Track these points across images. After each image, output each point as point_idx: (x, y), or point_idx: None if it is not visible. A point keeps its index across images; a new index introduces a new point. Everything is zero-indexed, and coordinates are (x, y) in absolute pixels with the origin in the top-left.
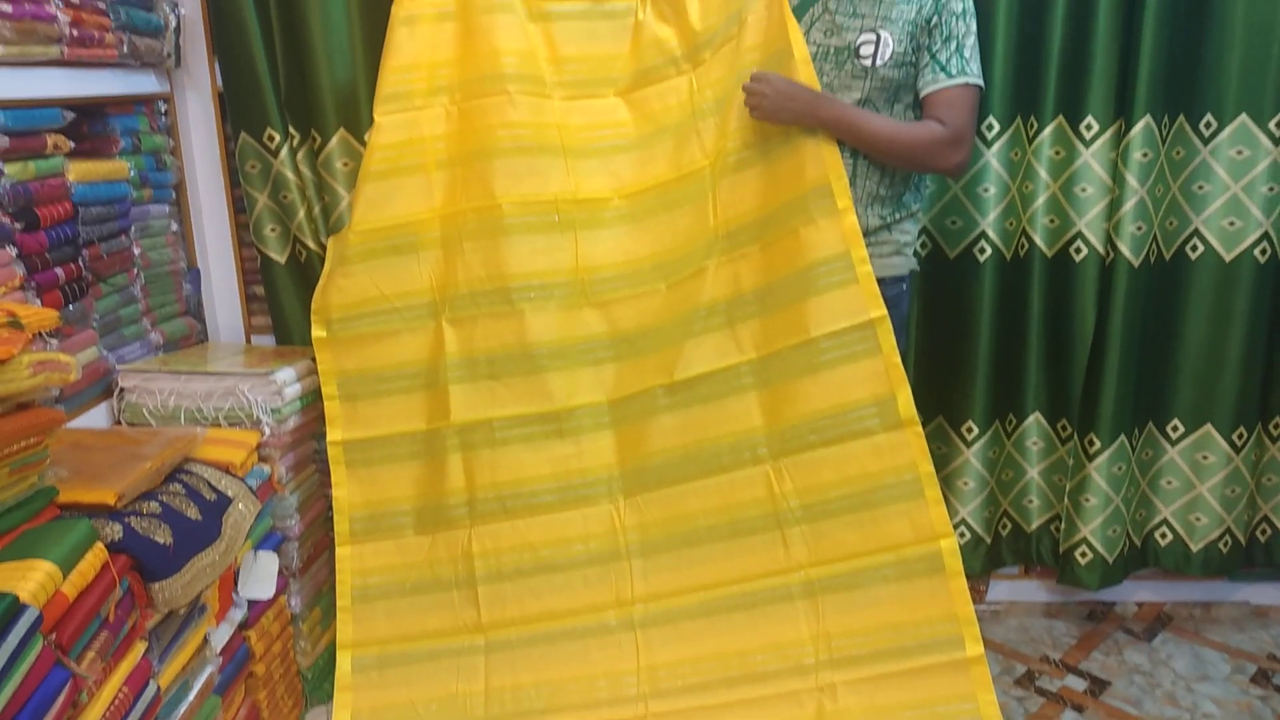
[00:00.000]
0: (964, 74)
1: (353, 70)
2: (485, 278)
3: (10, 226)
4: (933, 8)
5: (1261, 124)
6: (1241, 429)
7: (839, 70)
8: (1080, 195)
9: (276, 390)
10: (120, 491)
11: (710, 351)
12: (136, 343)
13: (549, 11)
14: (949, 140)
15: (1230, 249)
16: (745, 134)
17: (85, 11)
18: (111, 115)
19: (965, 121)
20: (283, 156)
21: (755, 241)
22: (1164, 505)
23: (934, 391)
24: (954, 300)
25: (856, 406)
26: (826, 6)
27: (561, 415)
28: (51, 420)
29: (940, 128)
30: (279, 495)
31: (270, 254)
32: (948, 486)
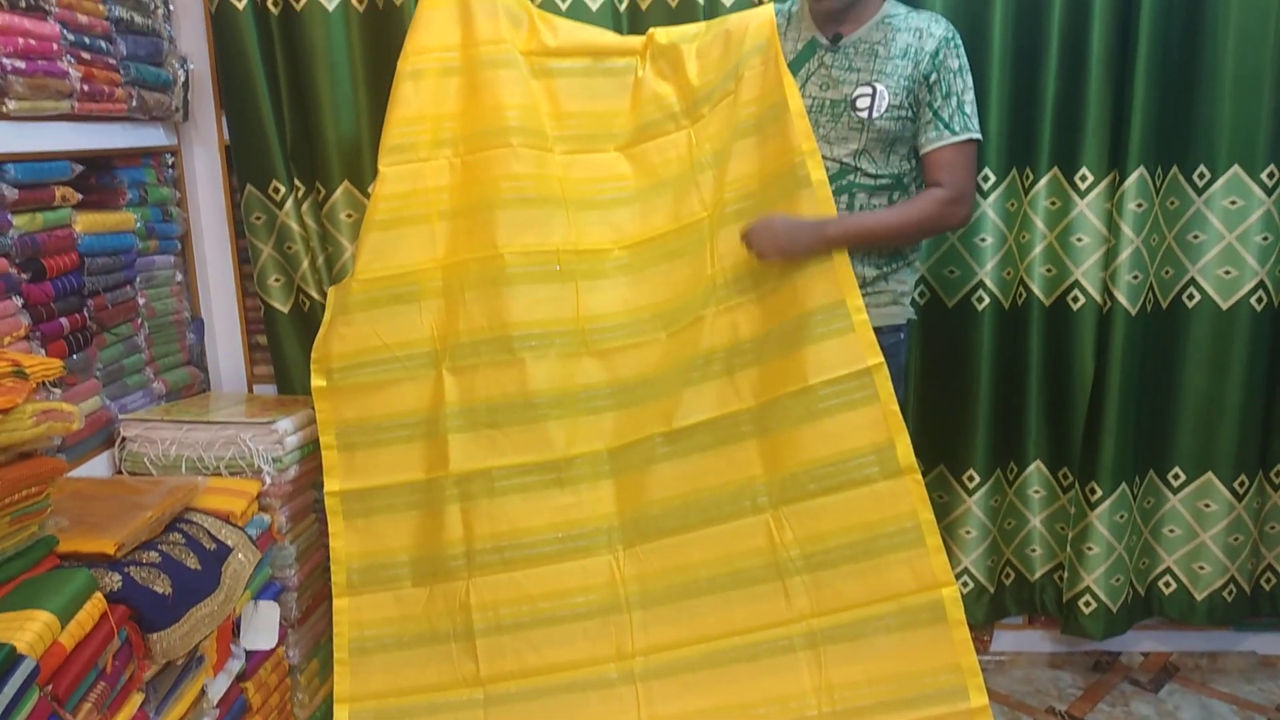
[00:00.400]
0: (967, 130)
1: (357, 124)
2: (486, 326)
3: (17, 277)
4: (930, 64)
5: (1253, 174)
6: (1243, 476)
7: (835, 123)
8: (1076, 245)
9: (278, 439)
10: (120, 541)
11: (709, 399)
12: (139, 392)
13: (551, 68)
14: (953, 200)
15: (1226, 298)
16: (743, 185)
17: (97, 67)
18: (119, 167)
19: (966, 178)
20: (287, 208)
21: (753, 290)
22: (1167, 554)
23: (935, 440)
24: (953, 349)
25: (856, 454)
26: (822, 61)
27: (561, 464)
28: (53, 469)
29: (942, 192)
30: (278, 545)
31: (274, 304)
32: (950, 535)
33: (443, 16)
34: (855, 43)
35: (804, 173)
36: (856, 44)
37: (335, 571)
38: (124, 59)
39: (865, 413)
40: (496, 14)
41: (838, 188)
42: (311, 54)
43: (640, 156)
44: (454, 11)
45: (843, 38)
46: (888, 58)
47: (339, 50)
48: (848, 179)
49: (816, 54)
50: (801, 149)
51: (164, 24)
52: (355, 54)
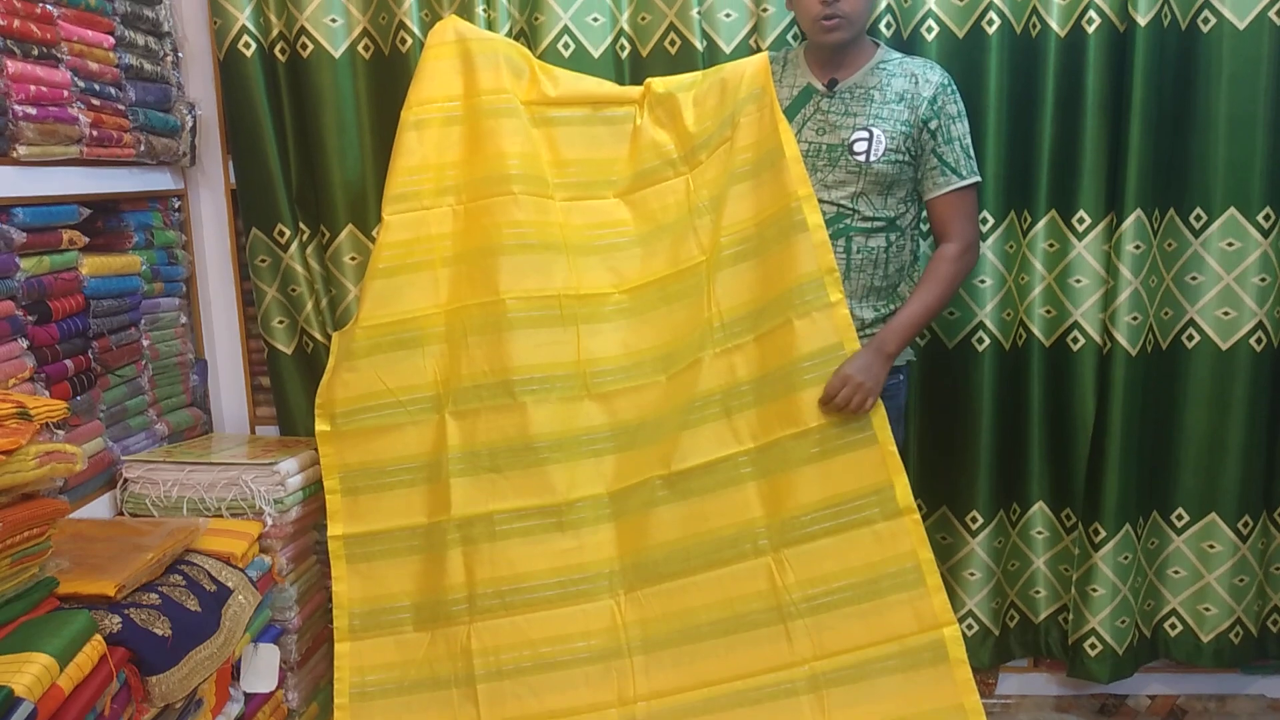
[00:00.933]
0: (972, 174)
1: (362, 168)
2: (488, 371)
3: (23, 319)
4: (929, 110)
5: (1249, 216)
6: (1247, 517)
7: (833, 167)
8: (1075, 286)
9: (279, 481)
10: (120, 583)
11: (708, 442)
12: (142, 433)
13: (551, 117)
14: (966, 250)
15: (1226, 338)
16: (739, 229)
17: (106, 113)
18: (126, 211)
19: (974, 224)
20: (292, 251)
21: (750, 332)
22: (1172, 595)
23: (937, 481)
24: (954, 390)
25: (855, 496)
26: (818, 106)
27: (562, 508)
28: (56, 511)
29: (954, 247)
30: (279, 587)
31: (277, 345)
32: (953, 577)
33: (446, 67)
34: (851, 88)
35: (800, 217)
36: (852, 89)
37: (337, 616)
38: (133, 105)
39: (864, 454)
40: (498, 65)
41: (835, 231)
42: (318, 99)
43: (639, 203)
44: (456, 62)
45: (838, 83)
46: (884, 102)
47: (345, 96)
48: (845, 222)
49: (812, 99)
50: (798, 194)
51: (173, 71)
52: (361, 100)
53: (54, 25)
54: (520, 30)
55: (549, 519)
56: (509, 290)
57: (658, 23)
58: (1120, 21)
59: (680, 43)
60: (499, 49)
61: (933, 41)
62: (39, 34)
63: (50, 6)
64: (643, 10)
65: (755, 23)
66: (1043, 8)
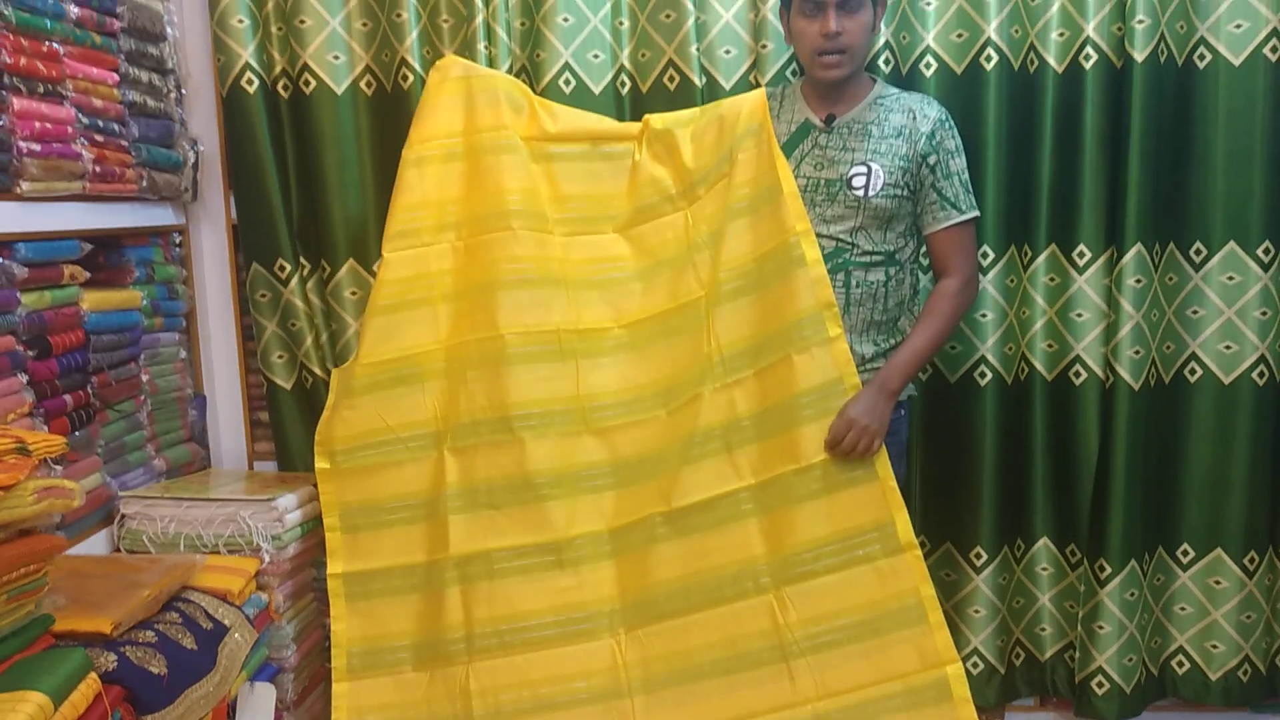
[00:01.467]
0: (971, 209)
1: (363, 203)
2: (487, 406)
3: (23, 354)
4: (928, 145)
5: (1249, 251)
6: (1253, 553)
7: (831, 202)
8: (1077, 320)
9: (277, 517)
10: (116, 620)
11: (709, 478)
12: (140, 469)
13: (551, 153)
14: (966, 284)
15: (1228, 372)
16: (738, 264)
17: (109, 149)
18: (127, 246)
19: (973, 258)
20: (293, 286)
21: (750, 367)
22: (1179, 632)
23: (941, 517)
24: (957, 425)
25: (857, 532)
26: (816, 141)
27: (561, 545)
28: (52, 547)
29: (955, 282)
30: (275, 624)
31: (277, 380)
32: (958, 614)
33: (446, 104)
34: (849, 123)
35: (798, 252)
36: (850, 124)
37: (336, 655)
38: (136, 141)
39: (865, 490)
40: (498, 101)
41: (834, 265)
42: (319, 135)
43: (638, 238)
44: (457, 99)
45: (836, 118)
46: (882, 137)
47: (347, 132)
48: (844, 256)
49: (810, 134)
50: (795, 229)
51: (176, 107)
52: (362, 135)
53: (60, 63)
54: (521, 67)
55: (548, 556)
56: (508, 325)
57: (657, 59)
58: (1117, 58)
59: (680, 79)
60: (499, 85)
61: (931, 78)
62: (45, 71)
63: (57, 44)
64: (643, 47)
65: (754, 59)
66: (1040, 44)
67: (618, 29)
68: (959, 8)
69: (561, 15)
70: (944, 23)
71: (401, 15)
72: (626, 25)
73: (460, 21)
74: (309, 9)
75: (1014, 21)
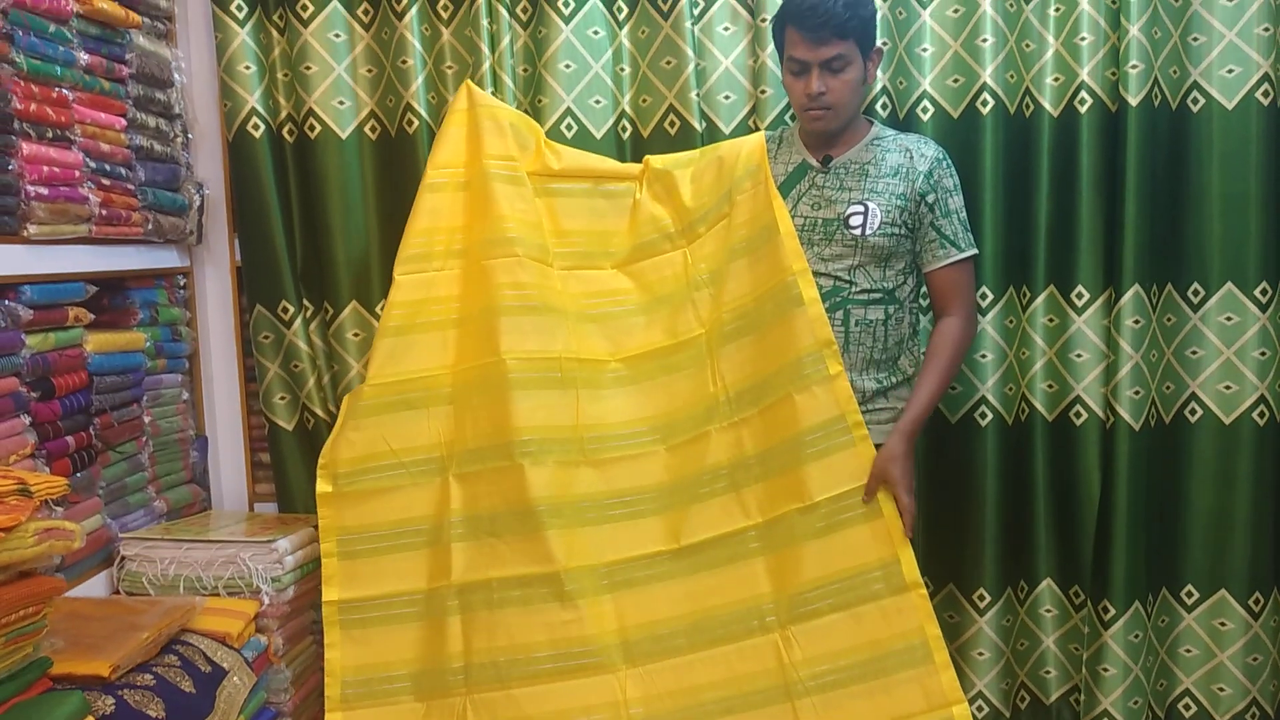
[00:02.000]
0: (970, 246)
1: (366, 246)
2: (490, 432)
3: (26, 395)
4: (925, 184)
5: (1246, 291)
6: (1258, 594)
7: (829, 241)
8: (1076, 361)
9: (277, 559)
10: (115, 663)
11: (716, 516)
12: (140, 510)
13: (554, 189)
14: (967, 323)
15: (1229, 412)
16: (739, 304)
17: (116, 193)
18: (132, 288)
19: (972, 296)
20: (296, 327)
21: (754, 406)
22: (1185, 675)
23: (944, 558)
24: (959, 465)
25: (862, 571)
26: (814, 182)
27: (561, 577)
28: (52, 589)
29: (955, 322)
30: (274, 668)
31: (278, 421)
32: (962, 657)
33: (459, 133)
34: (846, 163)
35: (796, 291)
36: (847, 164)
37: (329, 685)
38: (142, 185)
39: (869, 528)
40: (505, 133)
41: (832, 304)
42: (324, 179)
43: (637, 274)
44: (469, 129)
45: (833, 159)
46: (879, 176)
47: (350, 175)
48: (842, 295)
49: (808, 175)
50: (793, 268)
51: (182, 151)
52: (366, 179)
53: (69, 109)
54: (524, 111)
55: (547, 588)
56: (510, 350)
57: (658, 104)
58: (1112, 102)
59: (680, 124)
60: (508, 118)
61: (928, 121)
62: (54, 117)
63: (67, 90)
64: (644, 93)
65: (754, 104)
66: (1035, 89)
67: (619, 75)
68: (955, 54)
69: (564, 62)
70: (940, 68)
71: (407, 62)
72: (628, 71)
73: (465, 68)
74: (315, 55)
75: (1009, 67)
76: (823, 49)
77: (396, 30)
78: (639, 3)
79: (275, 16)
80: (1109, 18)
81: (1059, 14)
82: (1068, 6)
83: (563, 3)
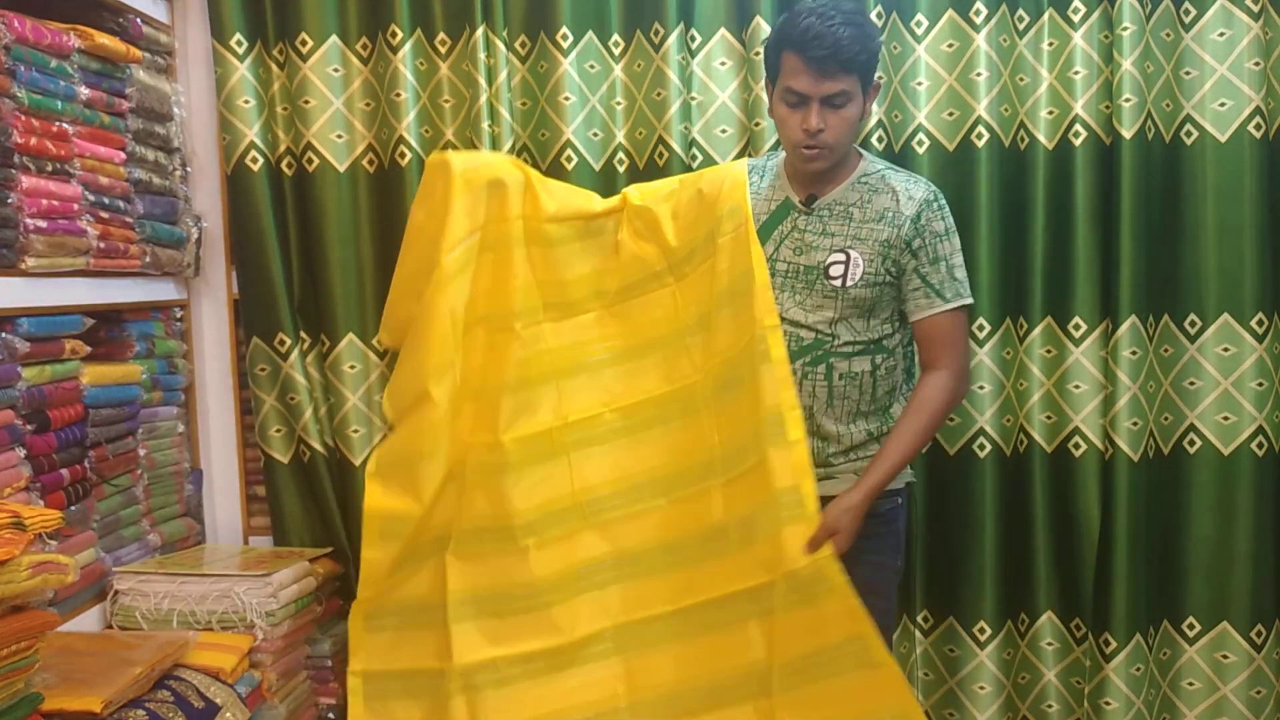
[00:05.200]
0: (959, 296)
1: (363, 279)
2: (490, 514)
3: (22, 428)
4: (912, 229)
5: (1243, 322)
6: (1260, 627)
7: (810, 290)
8: (1074, 392)
9: (271, 593)
10: (107, 699)
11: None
12: (135, 544)
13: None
14: (955, 378)
15: (1227, 443)
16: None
17: (114, 226)
18: (129, 320)
19: (963, 350)
20: (292, 359)
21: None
22: (1188, 708)
23: (943, 591)
24: (957, 497)
25: (830, 646)
26: (795, 224)
27: (567, 649)
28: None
29: (942, 377)
30: (268, 703)
31: (274, 454)
32: (963, 691)
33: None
34: (830, 204)
35: (764, 347)
36: (831, 205)
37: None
38: (140, 218)
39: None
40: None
41: (813, 358)
42: (321, 212)
43: (624, 314)
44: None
45: (817, 199)
46: (863, 221)
47: (348, 209)
48: (824, 349)
49: (789, 216)
50: (764, 323)
51: (180, 184)
52: (363, 211)
53: (69, 142)
54: (523, 145)
55: (555, 659)
56: (506, 431)
57: (651, 137)
58: (1105, 135)
59: (668, 155)
60: (498, 171)
61: (924, 155)
62: (54, 151)
63: (67, 125)
64: (639, 126)
65: (749, 137)
66: (1030, 122)
67: (614, 108)
68: (950, 88)
69: (563, 94)
70: (935, 102)
71: (400, 95)
72: (623, 105)
73: (461, 102)
74: (313, 89)
75: (1004, 100)
76: (826, 83)
77: (391, 64)
78: (634, 37)
79: (275, 51)
80: (1102, 52)
81: (1052, 48)
82: (1061, 41)
83: (561, 36)
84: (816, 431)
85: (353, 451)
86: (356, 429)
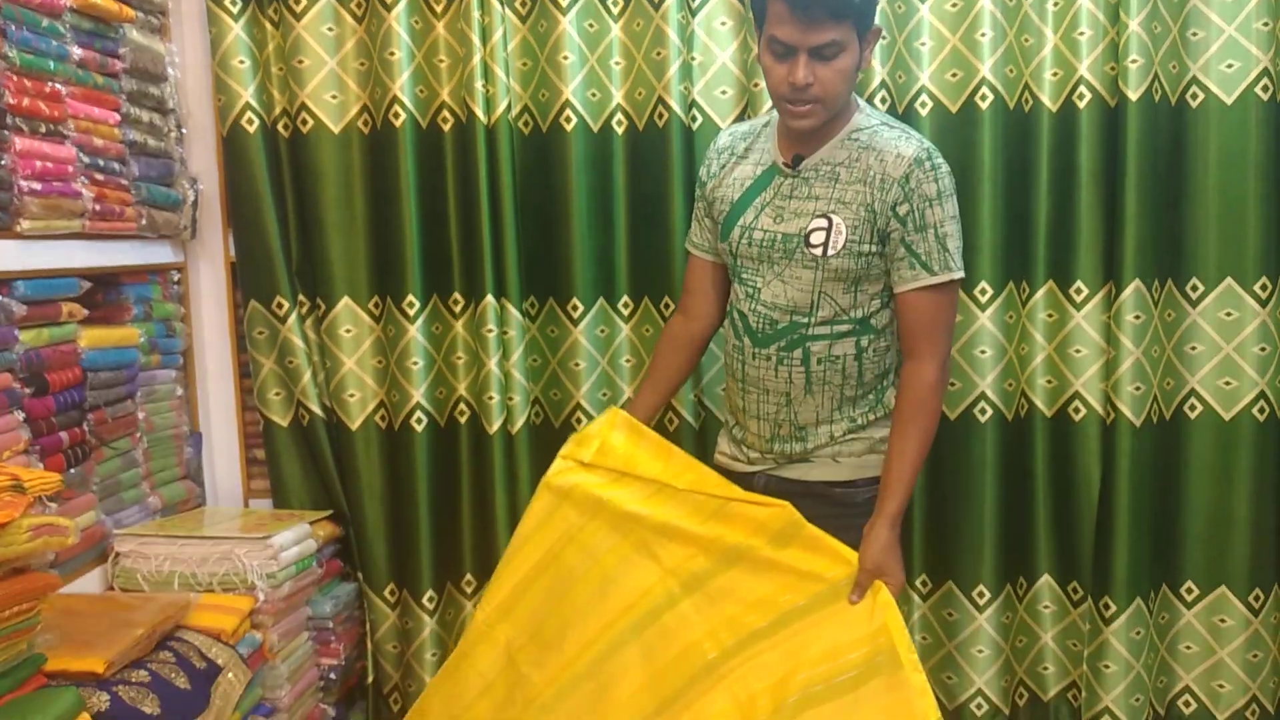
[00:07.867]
0: (947, 269)
1: (359, 241)
2: None
3: (20, 392)
4: (900, 192)
5: (1246, 287)
6: (1258, 590)
7: (789, 260)
8: (1076, 356)
9: (272, 555)
10: (109, 660)
11: None
12: (135, 506)
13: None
14: (941, 371)
15: (1228, 409)
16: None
17: (109, 188)
18: (126, 284)
19: (946, 333)
20: (290, 323)
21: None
22: (1185, 671)
23: (942, 555)
24: (958, 461)
25: None
26: (779, 189)
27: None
28: (46, 585)
29: (926, 371)
30: (269, 664)
31: (273, 417)
32: (961, 655)
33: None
34: (816, 165)
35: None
36: (818, 166)
37: None
38: (136, 180)
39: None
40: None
41: (789, 342)
42: (318, 174)
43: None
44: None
45: (803, 159)
46: (849, 182)
47: (343, 170)
48: (800, 332)
49: (773, 181)
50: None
51: (176, 146)
52: (357, 173)
53: (62, 103)
54: (524, 106)
55: None
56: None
57: (650, 98)
58: (1111, 97)
59: (667, 116)
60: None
61: (926, 116)
62: (47, 112)
63: (60, 85)
64: (639, 86)
65: (748, 99)
66: (1034, 84)
67: (612, 68)
68: (953, 48)
69: (563, 54)
70: (939, 62)
71: (394, 54)
72: (622, 65)
73: (456, 61)
74: (308, 49)
75: (1008, 61)
76: (813, 32)
77: (385, 22)
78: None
79: (269, 10)
80: (1108, 12)
81: (1058, 8)
82: (1066, 1)
83: None
84: (793, 421)
85: (350, 416)
86: (353, 393)
